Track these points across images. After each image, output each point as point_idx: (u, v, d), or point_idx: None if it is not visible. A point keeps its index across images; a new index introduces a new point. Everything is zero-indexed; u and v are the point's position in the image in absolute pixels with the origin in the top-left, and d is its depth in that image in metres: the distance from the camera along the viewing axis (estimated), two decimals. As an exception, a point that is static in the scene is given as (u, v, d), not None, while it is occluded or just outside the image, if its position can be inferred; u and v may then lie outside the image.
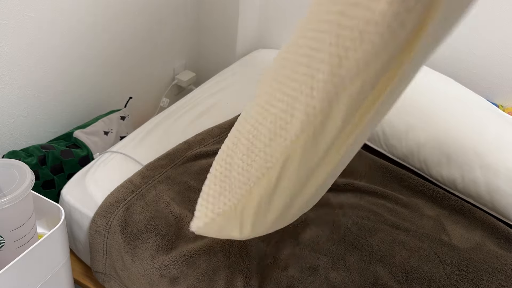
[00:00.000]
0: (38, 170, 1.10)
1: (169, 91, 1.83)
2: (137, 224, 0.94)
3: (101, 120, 1.34)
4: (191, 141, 1.16)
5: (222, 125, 1.24)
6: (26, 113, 1.20)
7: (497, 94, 1.49)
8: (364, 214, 1.02)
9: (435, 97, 1.21)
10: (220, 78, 1.51)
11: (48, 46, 1.18)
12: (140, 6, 1.45)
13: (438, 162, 1.11)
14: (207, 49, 1.86)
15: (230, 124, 1.25)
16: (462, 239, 1.00)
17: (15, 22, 1.07)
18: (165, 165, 1.07)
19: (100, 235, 0.95)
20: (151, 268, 0.89)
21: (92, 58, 1.35)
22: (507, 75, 1.44)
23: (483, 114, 1.17)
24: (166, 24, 1.63)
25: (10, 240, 0.78)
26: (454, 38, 1.48)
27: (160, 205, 0.97)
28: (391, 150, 1.19)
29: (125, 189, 1.00)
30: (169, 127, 1.24)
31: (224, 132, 1.22)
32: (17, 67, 1.12)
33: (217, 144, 1.18)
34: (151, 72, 1.66)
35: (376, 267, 0.90)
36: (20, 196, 0.74)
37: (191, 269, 0.87)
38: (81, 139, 1.24)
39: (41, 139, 1.28)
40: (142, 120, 1.71)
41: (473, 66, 1.49)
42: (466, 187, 1.08)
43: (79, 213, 1.00)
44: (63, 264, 0.89)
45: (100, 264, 0.97)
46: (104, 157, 1.13)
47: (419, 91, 1.22)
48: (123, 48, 1.46)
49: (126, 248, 0.93)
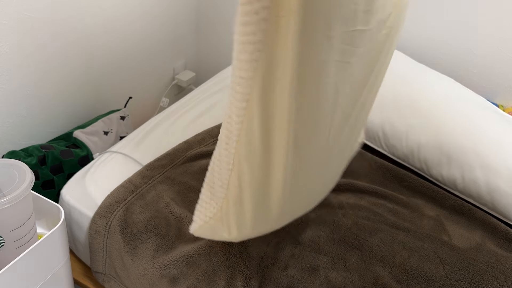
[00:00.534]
0: (37, 170, 1.10)
1: (169, 91, 1.83)
2: (137, 224, 0.94)
3: (101, 120, 1.33)
4: (191, 141, 1.16)
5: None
6: (25, 113, 1.20)
7: (497, 94, 1.49)
8: (365, 214, 1.02)
9: (435, 97, 1.21)
10: (220, 78, 1.51)
11: (48, 46, 1.18)
12: (140, 6, 1.45)
13: (438, 162, 1.11)
14: (207, 49, 1.86)
15: None
16: (462, 239, 1.00)
17: (15, 22, 1.07)
18: (165, 165, 1.07)
19: (100, 235, 0.95)
20: (151, 268, 0.89)
21: (92, 58, 1.34)
22: (507, 75, 1.44)
23: (483, 114, 1.17)
24: (166, 24, 1.63)
25: (10, 240, 0.78)
26: (454, 38, 1.48)
27: (160, 205, 0.97)
28: (391, 150, 1.19)
29: (125, 189, 1.00)
30: (169, 127, 1.24)
31: None
32: (17, 67, 1.12)
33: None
34: (151, 72, 1.66)
35: (376, 267, 0.90)
36: (20, 196, 0.74)
37: (191, 269, 0.87)
38: (81, 139, 1.24)
39: (40, 139, 1.28)
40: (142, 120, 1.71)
41: (473, 66, 1.49)
42: (467, 187, 1.08)
43: (79, 213, 1.00)
44: (63, 264, 0.89)
45: (100, 264, 0.97)
46: (103, 157, 1.13)
47: (419, 91, 1.22)
48: (123, 48, 1.46)
49: (126, 248, 0.93)
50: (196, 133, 1.22)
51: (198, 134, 1.19)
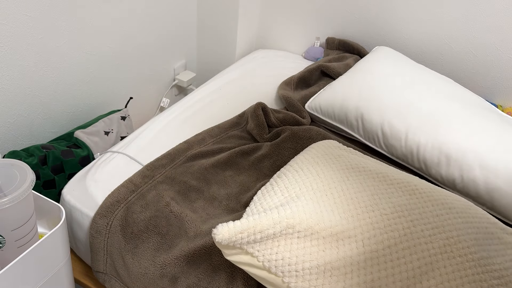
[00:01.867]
0: (38, 170, 1.11)
1: (169, 91, 1.84)
2: (137, 224, 0.95)
3: (101, 120, 1.34)
4: (191, 141, 1.16)
5: (222, 125, 1.24)
6: (26, 113, 1.20)
7: (496, 94, 1.49)
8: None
9: (435, 98, 1.21)
10: (220, 78, 1.51)
11: (48, 47, 1.18)
12: (140, 7, 1.46)
13: (437, 162, 1.11)
14: (207, 49, 1.87)
15: (230, 124, 1.25)
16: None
17: (15, 22, 1.07)
18: (165, 164, 1.07)
19: (101, 235, 0.95)
20: (151, 268, 0.89)
21: (93, 59, 1.35)
22: (507, 75, 1.44)
23: (482, 114, 1.17)
24: (167, 25, 1.63)
25: (11, 239, 0.78)
26: (454, 39, 1.48)
27: (160, 205, 0.97)
28: (390, 150, 1.19)
29: (126, 189, 1.00)
30: (169, 127, 1.24)
31: (224, 132, 1.22)
32: (17, 67, 1.12)
33: (217, 144, 1.18)
34: (152, 72, 1.67)
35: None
36: (21, 196, 0.75)
37: (192, 268, 0.88)
38: (82, 139, 1.25)
39: (41, 139, 1.28)
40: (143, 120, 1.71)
41: (472, 66, 1.49)
42: (466, 187, 1.09)
43: (80, 213, 1.01)
44: (64, 264, 0.90)
45: (101, 264, 0.97)
46: (104, 157, 1.13)
47: (418, 92, 1.23)
48: (123, 48, 1.46)
49: (127, 247, 0.93)
50: (196, 133, 1.22)
51: (198, 134, 1.20)
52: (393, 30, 1.59)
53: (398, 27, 1.57)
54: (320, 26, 1.73)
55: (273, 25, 1.84)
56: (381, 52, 1.44)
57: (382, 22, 1.59)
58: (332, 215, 0.80)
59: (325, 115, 1.31)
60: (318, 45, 1.76)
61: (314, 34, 1.76)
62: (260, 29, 1.87)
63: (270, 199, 0.85)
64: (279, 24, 1.82)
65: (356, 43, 1.65)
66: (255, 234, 0.74)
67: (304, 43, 1.80)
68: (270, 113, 1.26)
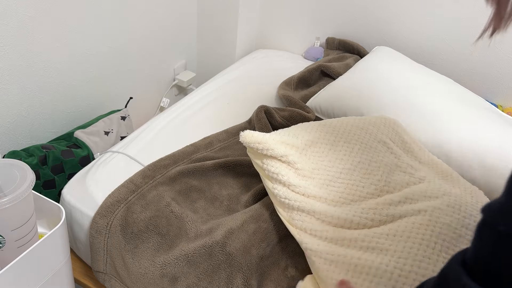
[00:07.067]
0: (38, 170, 1.11)
1: (169, 91, 1.84)
2: (137, 224, 0.95)
3: (101, 120, 1.34)
4: (198, 144, 1.16)
5: (230, 129, 1.24)
6: (26, 113, 1.20)
7: (496, 94, 1.49)
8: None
9: (435, 97, 1.21)
10: (220, 78, 1.51)
11: (48, 47, 1.18)
12: (140, 7, 1.46)
13: (437, 162, 1.12)
14: (207, 49, 1.87)
15: (238, 129, 1.24)
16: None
17: (15, 22, 1.07)
18: (167, 165, 1.07)
19: (101, 235, 0.95)
20: (151, 268, 0.89)
21: (93, 59, 1.35)
22: (506, 75, 1.44)
23: (482, 114, 1.17)
24: (167, 25, 1.63)
25: (11, 239, 0.78)
26: (453, 39, 1.48)
27: (160, 205, 0.97)
28: (390, 150, 1.19)
29: (126, 189, 1.00)
30: (170, 127, 1.24)
31: (231, 137, 1.21)
32: (17, 67, 1.12)
33: (224, 149, 1.17)
34: (152, 72, 1.67)
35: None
36: (21, 196, 0.75)
37: (192, 268, 0.88)
38: (82, 139, 1.24)
39: (41, 139, 1.28)
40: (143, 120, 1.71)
41: (472, 66, 1.49)
42: (466, 187, 1.09)
43: (80, 213, 1.01)
44: (64, 264, 0.90)
45: (101, 264, 0.97)
46: (104, 157, 1.13)
47: (418, 92, 1.23)
48: (124, 48, 1.46)
49: (127, 247, 0.93)
50: (196, 133, 1.22)
51: (205, 137, 1.19)
52: (393, 30, 1.59)
53: (398, 27, 1.57)
54: (320, 26, 1.73)
55: (273, 25, 1.84)
56: (381, 52, 1.44)
57: (382, 22, 1.59)
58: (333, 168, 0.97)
59: (325, 115, 1.31)
60: (318, 45, 1.76)
61: (314, 34, 1.76)
62: (260, 29, 1.87)
63: (295, 137, 1.00)
64: (279, 24, 1.82)
65: (356, 43, 1.65)
66: (267, 150, 0.94)
67: (304, 43, 1.80)
68: (274, 114, 1.25)
